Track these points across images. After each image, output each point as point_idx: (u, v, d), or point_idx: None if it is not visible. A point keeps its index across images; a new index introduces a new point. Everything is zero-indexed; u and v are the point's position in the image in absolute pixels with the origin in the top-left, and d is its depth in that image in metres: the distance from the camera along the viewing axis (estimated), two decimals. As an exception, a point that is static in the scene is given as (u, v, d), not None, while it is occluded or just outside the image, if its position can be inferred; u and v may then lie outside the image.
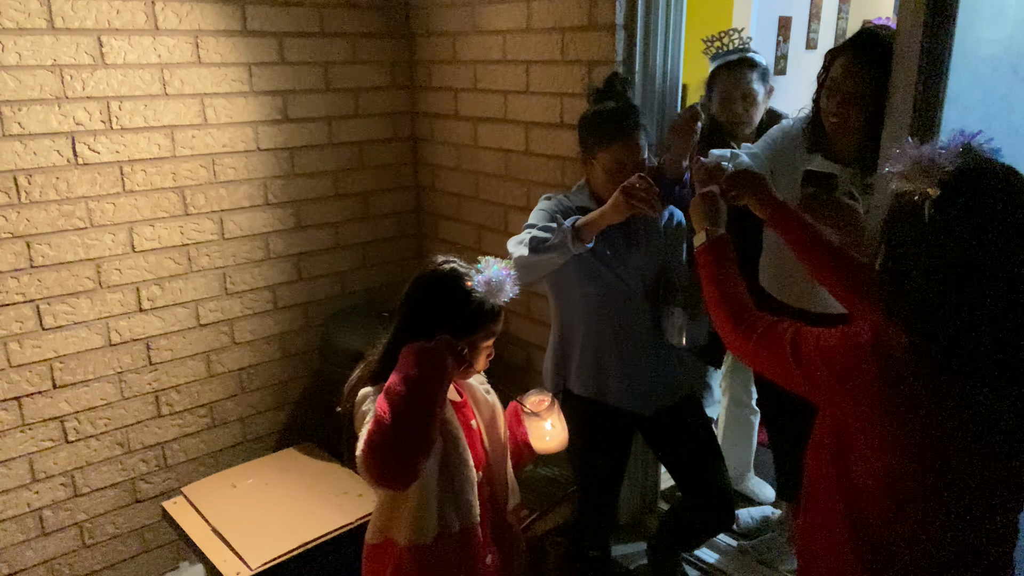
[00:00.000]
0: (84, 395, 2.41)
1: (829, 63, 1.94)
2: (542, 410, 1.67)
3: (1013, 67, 1.66)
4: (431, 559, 1.47)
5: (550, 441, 1.69)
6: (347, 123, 2.88)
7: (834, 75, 1.90)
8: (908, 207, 1.12)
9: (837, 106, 1.89)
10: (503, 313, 1.54)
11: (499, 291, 1.47)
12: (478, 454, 1.58)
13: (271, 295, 2.79)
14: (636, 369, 2.03)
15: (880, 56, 1.76)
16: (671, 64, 2.27)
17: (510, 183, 2.72)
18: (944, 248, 1.09)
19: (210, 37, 2.47)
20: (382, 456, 1.31)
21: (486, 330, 1.53)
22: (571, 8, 2.32)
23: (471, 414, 1.63)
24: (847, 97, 1.86)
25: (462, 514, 1.51)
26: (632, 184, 1.77)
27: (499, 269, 1.48)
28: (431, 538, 1.47)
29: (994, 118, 1.66)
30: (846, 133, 1.92)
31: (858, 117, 1.86)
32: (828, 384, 1.23)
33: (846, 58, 1.87)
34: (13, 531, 2.35)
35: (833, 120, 1.91)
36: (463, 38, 2.75)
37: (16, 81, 2.14)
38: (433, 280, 1.53)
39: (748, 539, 2.56)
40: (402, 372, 1.37)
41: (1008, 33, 1.66)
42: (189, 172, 2.51)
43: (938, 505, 1.17)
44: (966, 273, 1.08)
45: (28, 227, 2.22)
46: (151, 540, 2.64)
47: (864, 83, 1.82)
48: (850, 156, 1.95)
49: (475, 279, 1.47)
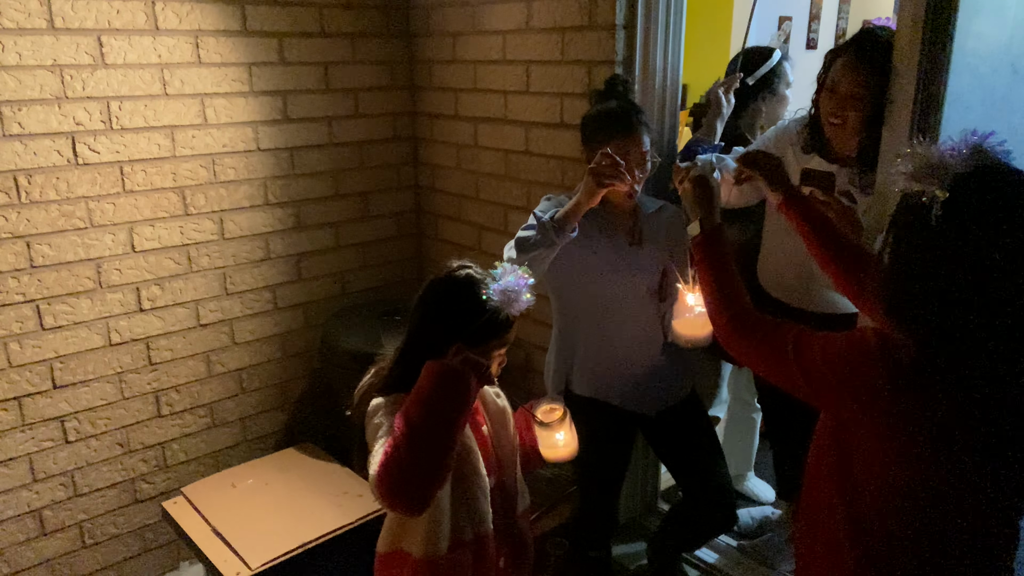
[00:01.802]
0: (84, 395, 2.41)
1: (829, 63, 1.93)
2: (554, 421, 1.63)
3: (1013, 67, 1.66)
4: (446, 569, 1.47)
5: (561, 451, 1.66)
6: (347, 123, 2.88)
7: (834, 76, 1.89)
8: (915, 208, 1.10)
9: (837, 107, 1.88)
10: (516, 321, 1.50)
11: (515, 301, 1.44)
12: (489, 460, 1.57)
13: (271, 295, 2.79)
14: (639, 369, 2.03)
15: (880, 57, 1.76)
16: (671, 64, 2.27)
17: (510, 183, 2.72)
18: (951, 251, 1.07)
19: (210, 37, 2.47)
20: (397, 483, 1.29)
21: (500, 339, 1.49)
22: (571, 8, 2.32)
23: (482, 419, 1.62)
24: (847, 98, 1.85)
25: (475, 523, 1.50)
26: (598, 162, 1.76)
27: (516, 278, 1.44)
28: (445, 549, 1.46)
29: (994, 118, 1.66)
30: (845, 135, 1.91)
31: (857, 118, 1.85)
32: (832, 389, 1.22)
33: (846, 59, 1.86)
34: (13, 531, 2.35)
35: (833, 121, 1.90)
36: (463, 38, 2.75)
37: (16, 81, 2.14)
38: (448, 287, 1.49)
39: (748, 539, 2.56)
40: (423, 395, 1.34)
41: (1008, 33, 1.66)
42: (189, 172, 2.51)
43: (940, 509, 1.17)
44: (974, 276, 1.06)
45: (28, 227, 2.22)
46: (151, 540, 2.64)
47: (864, 84, 1.82)
48: (848, 158, 1.94)
49: (491, 288, 1.43)
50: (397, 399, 1.44)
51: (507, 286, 1.43)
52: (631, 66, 2.25)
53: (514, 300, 1.43)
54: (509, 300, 1.43)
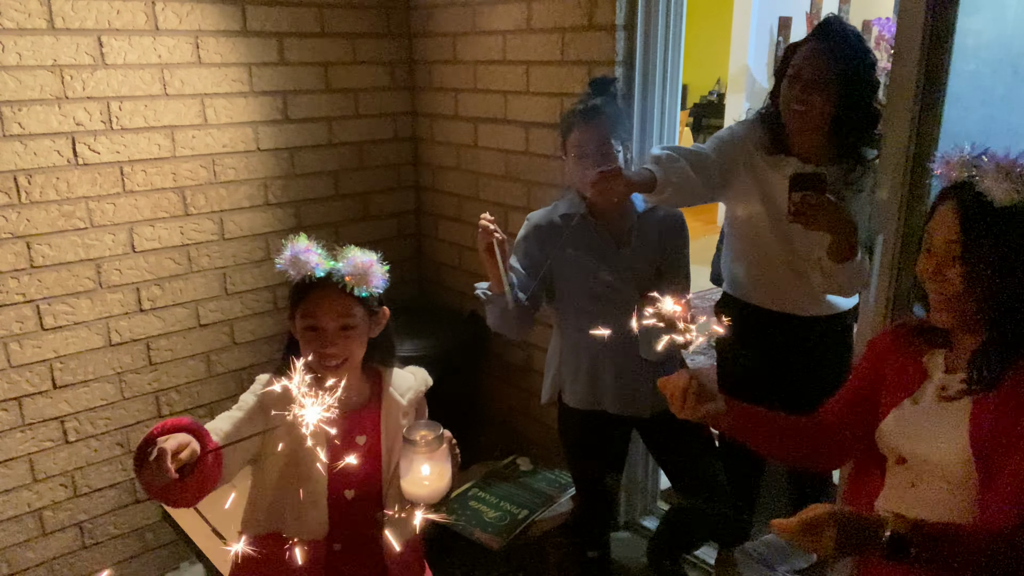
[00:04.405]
0: (84, 395, 2.41)
1: (790, 55, 1.88)
2: (422, 445, 1.39)
3: (1013, 67, 1.66)
4: (256, 554, 1.47)
5: (420, 489, 1.41)
6: (347, 123, 2.88)
7: (795, 63, 1.84)
8: (1009, 218, 1.11)
9: (800, 92, 1.81)
10: (322, 296, 1.46)
11: (300, 265, 1.45)
12: (347, 471, 1.46)
13: (271, 295, 2.79)
14: (633, 376, 2.01)
15: (842, 44, 1.76)
16: (671, 64, 2.27)
17: (510, 183, 2.72)
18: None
19: (210, 37, 2.47)
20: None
21: (300, 308, 1.48)
22: (571, 8, 2.32)
23: (365, 429, 1.55)
24: (811, 83, 1.79)
25: (300, 525, 1.49)
26: (482, 226, 1.78)
27: (310, 249, 1.46)
28: (255, 534, 1.51)
29: (994, 118, 1.66)
30: (809, 126, 1.84)
31: (823, 106, 1.80)
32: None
33: (808, 46, 1.83)
34: (13, 531, 2.35)
35: (796, 108, 1.82)
36: (463, 38, 2.75)
37: (16, 81, 2.14)
38: None
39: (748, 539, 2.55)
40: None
41: (1008, 33, 1.66)
42: (189, 172, 2.51)
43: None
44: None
45: (28, 227, 2.23)
46: (151, 540, 2.64)
47: (827, 70, 1.78)
48: (816, 153, 1.88)
49: (281, 256, 1.47)
50: (269, 380, 1.50)
51: (296, 252, 1.46)
52: (631, 66, 2.25)
53: (296, 264, 1.46)
54: (294, 265, 1.46)
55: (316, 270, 1.46)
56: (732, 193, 1.98)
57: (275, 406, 1.44)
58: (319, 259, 1.47)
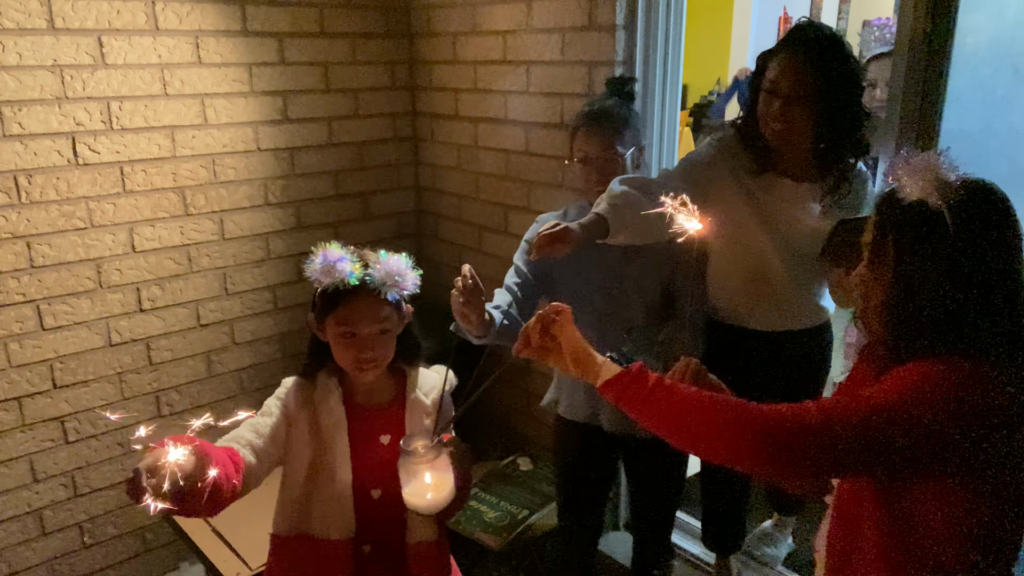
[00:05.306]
0: (84, 395, 2.41)
1: (763, 65, 1.77)
2: (420, 456, 1.34)
3: (1013, 67, 1.66)
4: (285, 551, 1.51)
5: (422, 501, 1.36)
6: (347, 123, 2.88)
7: (770, 76, 1.72)
8: (926, 218, 1.06)
9: (780, 108, 1.70)
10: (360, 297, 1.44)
11: (330, 272, 1.41)
12: (372, 471, 1.48)
13: (271, 295, 2.79)
14: None
15: (818, 52, 1.66)
16: (671, 64, 2.27)
17: (510, 183, 2.72)
18: (973, 259, 1.04)
19: (210, 37, 2.47)
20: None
21: (335, 315, 1.44)
22: (571, 8, 2.32)
23: (389, 428, 1.54)
24: (789, 98, 1.69)
25: (326, 525, 1.49)
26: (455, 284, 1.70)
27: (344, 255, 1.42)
28: (286, 532, 1.51)
29: (994, 118, 1.67)
30: (793, 141, 1.75)
31: (805, 120, 1.69)
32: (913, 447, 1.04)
33: (781, 57, 1.71)
34: (13, 531, 2.35)
35: (776, 126, 1.72)
36: (463, 38, 2.75)
37: (16, 81, 2.14)
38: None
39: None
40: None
41: (1008, 33, 1.66)
42: (189, 172, 2.51)
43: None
44: (1002, 284, 1.05)
45: (28, 227, 2.23)
46: (151, 540, 2.64)
47: (805, 81, 1.67)
48: (803, 169, 1.80)
49: (312, 264, 1.43)
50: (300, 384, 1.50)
51: (327, 259, 1.42)
52: (631, 66, 2.25)
53: (330, 272, 1.41)
54: (327, 273, 1.41)
55: (351, 278, 1.43)
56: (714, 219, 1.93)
57: (304, 408, 1.48)
58: (352, 266, 1.45)
